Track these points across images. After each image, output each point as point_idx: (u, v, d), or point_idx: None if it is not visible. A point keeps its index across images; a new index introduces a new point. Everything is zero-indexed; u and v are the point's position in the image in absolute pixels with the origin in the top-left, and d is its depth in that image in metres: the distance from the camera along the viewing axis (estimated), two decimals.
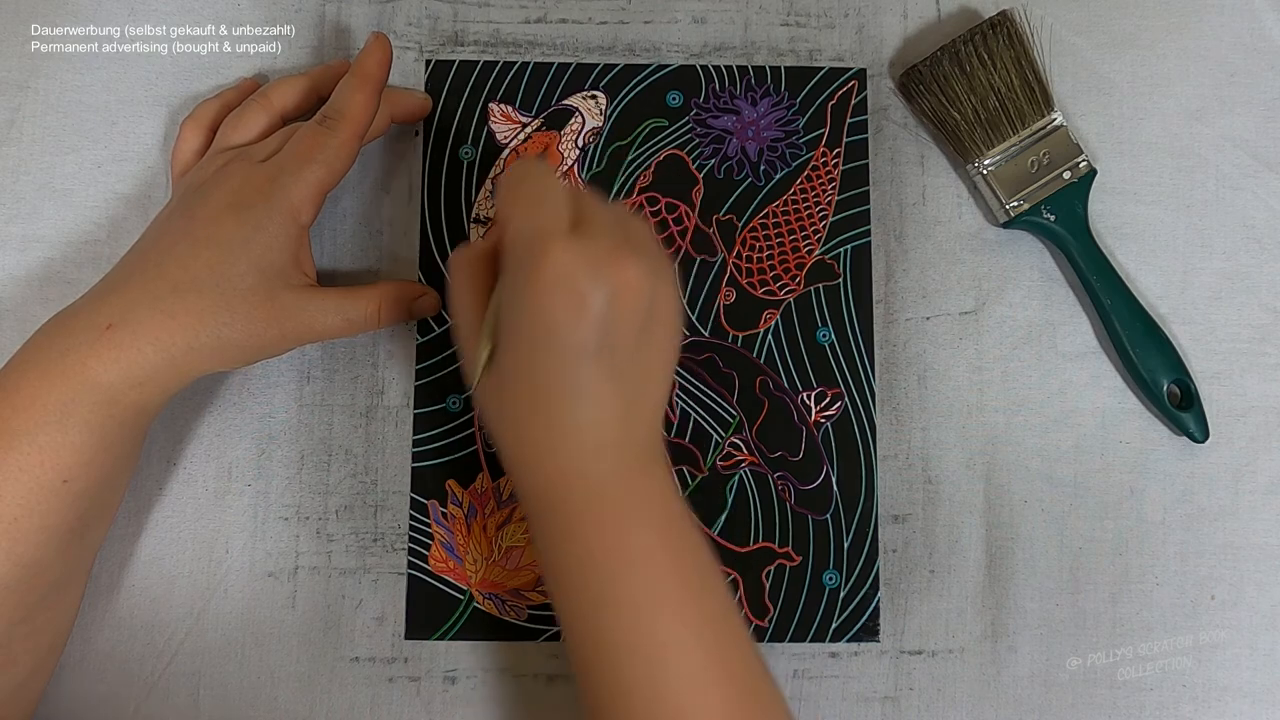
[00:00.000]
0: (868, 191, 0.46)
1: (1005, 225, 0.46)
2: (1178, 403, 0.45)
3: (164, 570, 0.43)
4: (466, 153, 0.46)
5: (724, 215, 0.46)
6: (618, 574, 0.34)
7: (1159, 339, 0.44)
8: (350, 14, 0.47)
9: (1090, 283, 0.45)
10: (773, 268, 0.46)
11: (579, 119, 0.46)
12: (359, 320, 0.41)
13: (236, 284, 0.37)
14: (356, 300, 0.41)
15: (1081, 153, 0.45)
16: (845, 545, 0.44)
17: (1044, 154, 0.45)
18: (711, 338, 0.45)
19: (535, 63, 0.46)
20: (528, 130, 0.46)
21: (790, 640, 0.43)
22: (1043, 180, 0.45)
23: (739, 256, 0.46)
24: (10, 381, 0.36)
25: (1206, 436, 0.45)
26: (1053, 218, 0.45)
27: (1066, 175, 0.45)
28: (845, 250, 0.46)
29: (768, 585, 0.43)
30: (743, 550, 0.44)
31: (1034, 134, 0.45)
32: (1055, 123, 0.45)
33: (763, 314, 0.45)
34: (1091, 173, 0.45)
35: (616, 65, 0.47)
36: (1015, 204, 0.45)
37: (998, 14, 0.45)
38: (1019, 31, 0.45)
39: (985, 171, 0.45)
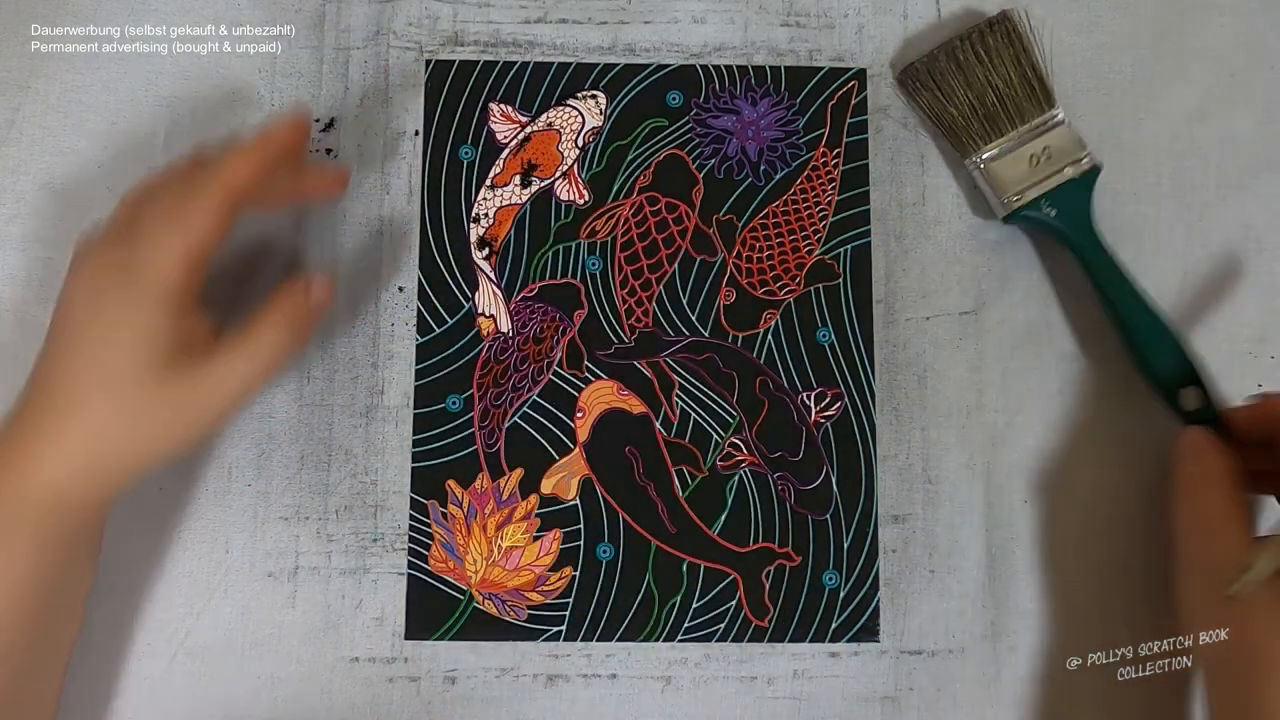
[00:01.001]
0: (868, 191, 0.46)
1: (1005, 220, 0.45)
2: (1180, 400, 0.45)
3: (164, 570, 0.43)
4: (466, 153, 0.46)
5: (724, 215, 0.46)
6: None
7: (1165, 335, 0.44)
8: (350, 14, 0.47)
9: (1096, 279, 0.44)
10: (773, 268, 0.45)
11: (578, 118, 0.46)
12: (273, 347, 0.37)
13: (121, 382, 0.35)
14: (260, 332, 0.37)
15: (1085, 149, 0.45)
16: (845, 545, 0.44)
17: (1044, 149, 0.45)
18: (711, 338, 0.45)
19: (535, 63, 0.46)
20: (527, 130, 0.46)
21: (790, 640, 0.43)
22: (1043, 175, 0.45)
23: (739, 256, 0.46)
24: None
25: None
26: (1053, 212, 0.45)
27: (1069, 171, 0.45)
28: (845, 250, 0.46)
29: (768, 585, 0.43)
30: (743, 550, 0.44)
31: (1033, 129, 0.45)
32: (1056, 118, 0.45)
33: (763, 314, 0.45)
34: (1096, 169, 0.45)
35: (616, 65, 0.47)
36: (1013, 198, 0.45)
37: (997, 14, 0.45)
38: (1018, 30, 0.45)
39: (983, 165, 0.45)
